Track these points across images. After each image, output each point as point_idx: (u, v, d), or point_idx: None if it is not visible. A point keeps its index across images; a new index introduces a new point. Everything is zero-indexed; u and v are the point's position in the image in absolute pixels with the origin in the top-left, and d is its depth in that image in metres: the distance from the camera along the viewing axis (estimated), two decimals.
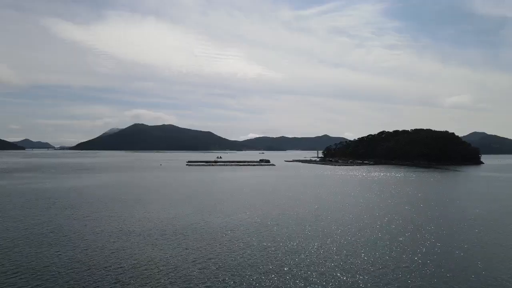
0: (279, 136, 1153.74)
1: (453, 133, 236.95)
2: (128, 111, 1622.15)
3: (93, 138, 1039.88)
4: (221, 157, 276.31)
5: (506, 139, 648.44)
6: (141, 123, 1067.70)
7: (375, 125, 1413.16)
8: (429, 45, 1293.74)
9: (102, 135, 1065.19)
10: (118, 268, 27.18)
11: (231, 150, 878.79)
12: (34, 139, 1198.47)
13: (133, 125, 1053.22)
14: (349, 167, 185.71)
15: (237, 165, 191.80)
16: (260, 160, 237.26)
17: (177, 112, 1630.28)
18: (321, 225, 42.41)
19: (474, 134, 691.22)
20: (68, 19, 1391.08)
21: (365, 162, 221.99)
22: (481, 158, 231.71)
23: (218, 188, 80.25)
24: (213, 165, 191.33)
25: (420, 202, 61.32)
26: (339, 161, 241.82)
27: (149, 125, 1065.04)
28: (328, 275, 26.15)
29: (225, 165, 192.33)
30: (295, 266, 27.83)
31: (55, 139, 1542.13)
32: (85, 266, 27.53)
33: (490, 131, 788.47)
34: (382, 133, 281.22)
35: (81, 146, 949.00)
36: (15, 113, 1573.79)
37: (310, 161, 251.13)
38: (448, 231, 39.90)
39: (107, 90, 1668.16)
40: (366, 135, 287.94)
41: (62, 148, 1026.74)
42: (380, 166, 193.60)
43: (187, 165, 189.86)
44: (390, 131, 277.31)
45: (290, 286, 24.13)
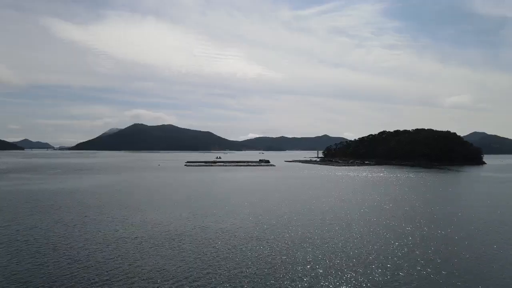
0: (279, 136, 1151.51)
1: (454, 133, 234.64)
2: (128, 111, 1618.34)
3: (92, 138, 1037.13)
4: (220, 158, 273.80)
5: (506, 139, 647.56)
6: (140, 123, 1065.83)
7: (375, 125, 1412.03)
8: (429, 45, 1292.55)
9: (101, 135, 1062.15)
10: (105, 282, 24.78)
11: (231, 150, 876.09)
12: (34, 139, 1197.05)
13: (133, 125, 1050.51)
14: (350, 167, 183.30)
15: (237, 165, 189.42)
16: (260, 160, 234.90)
17: (177, 112, 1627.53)
18: (326, 229, 40.01)
19: (474, 134, 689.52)
20: (68, 19, 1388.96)
21: (366, 162, 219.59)
22: (483, 158, 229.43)
23: (216, 190, 77.79)
24: (212, 165, 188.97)
25: (427, 204, 58.92)
26: (339, 161, 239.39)
27: (149, 125, 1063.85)
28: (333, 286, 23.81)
29: (224, 165, 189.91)
30: (300, 277, 25.48)
31: (55, 139, 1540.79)
32: (68, 279, 25.13)
33: (490, 131, 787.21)
34: (382, 133, 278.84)
35: (80, 146, 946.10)
36: (14, 113, 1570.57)
37: (310, 162, 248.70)
38: (458, 234, 37.55)
39: (107, 90, 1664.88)
40: (366, 135, 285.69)
41: (61, 148, 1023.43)
42: (381, 166, 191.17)
43: (186, 165, 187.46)
44: (391, 131, 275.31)
45: None
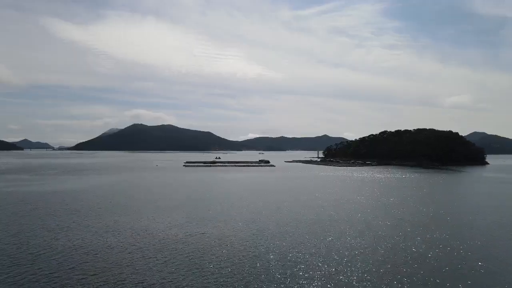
0: (278, 136, 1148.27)
1: (457, 133, 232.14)
2: (128, 111, 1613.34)
3: (92, 138, 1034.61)
4: (219, 158, 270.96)
5: (507, 139, 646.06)
6: (140, 123, 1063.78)
7: (375, 125, 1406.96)
8: (429, 45, 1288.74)
9: (101, 135, 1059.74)
10: None
11: (230, 150, 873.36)
12: (34, 139, 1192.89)
13: (132, 125, 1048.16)
14: (352, 167, 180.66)
15: (236, 166, 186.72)
16: (260, 160, 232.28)
17: (176, 112, 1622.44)
18: (336, 237, 37.36)
19: (474, 134, 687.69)
20: (68, 19, 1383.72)
21: (367, 162, 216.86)
22: (486, 158, 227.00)
23: (215, 193, 75.01)
24: (211, 166, 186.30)
25: (436, 207, 56.24)
26: (340, 161, 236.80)
27: (149, 125, 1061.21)
28: None
29: (223, 166, 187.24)
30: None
31: (55, 139, 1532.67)
32: None
33: (491, 131, 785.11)
34: (383, 133, 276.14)
35: (80, 147, 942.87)
36: (14, 113, 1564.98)
37: (311, 162, 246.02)
38: (469, 239, 34.93)
39: (106, 90, 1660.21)
40: (367, 135, 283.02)
41: (61, 149, 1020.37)
42: (383, 166, 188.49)
43: (184, 166, 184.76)
44: (392, 131, 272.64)
45: None
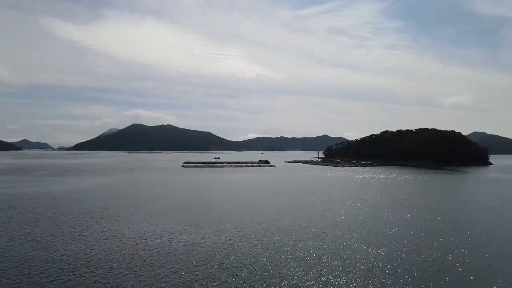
0: (278, 136, 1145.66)
1: (459, 132, 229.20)
2: (127, 111, 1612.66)
3: (92, 138, 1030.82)
4: (219, 158, 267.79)
5: (507, 139, 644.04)
6: (140, 123, 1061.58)
7: (375, 125, 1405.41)
8: (429, 45, 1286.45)
9: (101, 135, 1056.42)
10: None
11: (230, 150, 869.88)
12: (33, 139, 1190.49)
13: (132, 125, 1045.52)
14: (354, 168, 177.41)
15: (236, 166, 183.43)
16: (260, 160, 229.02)
17: (176, 112, 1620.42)
18: (340, 242, 34.21)
19: (475, 134, 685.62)
20: (67, 19, 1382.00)
21: (369, 163, 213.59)
22: (489, 158, 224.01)
23: (213, 196, 71.75)
24: (210, 166, 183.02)
25: (446, 210, 53.08)
26: (341, 162, 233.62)
27: (148, 125, 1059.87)
28: None
29: (223, 166, 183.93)
30: None
31: (54, 140, 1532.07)
32: None
33: (491, 131, 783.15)
34: (384, 132, 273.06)
35: (79, 147, 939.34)
36: (14, 113, 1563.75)
37: (311, 162, 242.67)
38: (487, 243, 31.80)
39: (106, 90, 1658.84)
40: (368, 135, 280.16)
41: (60, 149, 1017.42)
42: (385, 167, 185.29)
43: (183, 166, 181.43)
44: (393, 130, 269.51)
45: None
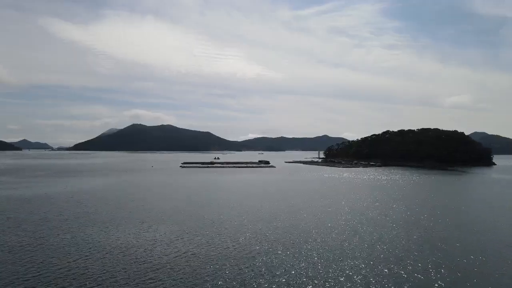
0: (278, 136, 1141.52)
1: (462, 132, 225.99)
2: (127, 111, 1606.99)
3: (92, 138, 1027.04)
4: (218, 158, 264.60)
5: (508, 139, 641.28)
6: (140, 123, 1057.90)
7: (375, 125, 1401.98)
8: (429, 45, 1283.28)
9: (101, 135, 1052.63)
10: None
11: (230, 150, 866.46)
12: (33, 139, 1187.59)
13: (132, 125, 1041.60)
14: (356, 169, 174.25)
15: (235, 167, 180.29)
16: (259, 161, 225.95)
17: (176, 112, 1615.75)
18: (361, 256, 31.10)
19: (475, 134, 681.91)
20: (67, 19, 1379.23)
21: (371, 163, 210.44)
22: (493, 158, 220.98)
23: (211, 199, 68.51)
24: (209, 167, 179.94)
25: (459, 214, 49.98)
26: (342, 162, 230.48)
27: (148, 125, 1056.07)
28: None
29: (222, 167, 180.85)
30: None
31: (54, 140, 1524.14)
32: None
33: (491, 131, 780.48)
34: (386, 132, 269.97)
35: (79, 147, 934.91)
36: (14, 114, 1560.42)
37: (312, 162, 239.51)
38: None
39: (106, 90, 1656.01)
40: (369, 135, 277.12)
41: (60, 149, 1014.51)
42: (388, 167, 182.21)
43: (181, 167, 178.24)
44: (395, 130, 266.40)
45: None
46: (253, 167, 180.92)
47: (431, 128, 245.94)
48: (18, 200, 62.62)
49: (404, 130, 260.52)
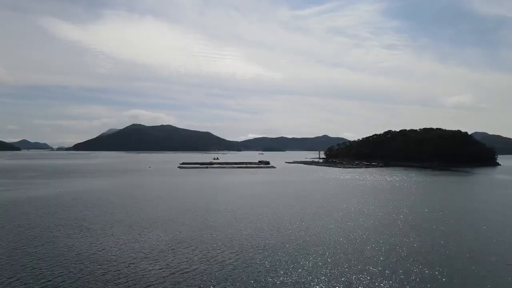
0: (278, 136, 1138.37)
1: (466, 132, 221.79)
2: (127, 111, 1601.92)
3: (91, 138, 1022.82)
4: (218, 159, 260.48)
5: (509, 139, 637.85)
6: (139, 123, 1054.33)
7: (374, 125, 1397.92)
8: (428, 45, 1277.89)
9: (100, 135, 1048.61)
10: None
11: (230, 150, 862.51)
12: (32, 139, 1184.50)
13: (131, 125, 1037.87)
14: (358, 169, 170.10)
15: (234, 167, 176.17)
16: (259, 161, 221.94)
17: (176, 113, 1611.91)
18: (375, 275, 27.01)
19: (475, 134, 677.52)
20: (66, 19, 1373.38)
21: (373, 164, 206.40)
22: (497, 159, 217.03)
23: (208, 203, 64.44)
24: (208, 167, 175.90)
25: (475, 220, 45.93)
26: (343, 162, 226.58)
27: (148, 125, 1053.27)
28: None
29: (221, 167, 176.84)
30: None
31: (54, 140, 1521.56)
32: None
33: (492, 131, 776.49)
34: (388, 132, 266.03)
35: (78, 147, 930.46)
36: (13, 114, 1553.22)
37: (313, 163, 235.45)
38: None
39: (105, 90, 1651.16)
40: (370, 135, 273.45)
41: (59, 149, 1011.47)
42: (391, 168, 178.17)
43: (179, 167, 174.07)
44: (397, 130, 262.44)
45: None
46: (253, 167, 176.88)
47: (434, 128, 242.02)
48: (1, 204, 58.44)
49: (406, 130, 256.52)
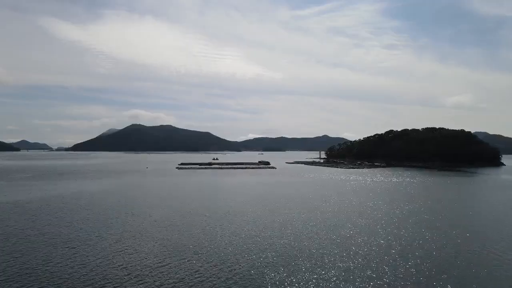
0: (278, 136, 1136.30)
1: (469, 132, 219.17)
2: (126, 111, 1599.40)
3: (91, 138, 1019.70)
4: (217, 159, 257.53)
5: (510, 138, 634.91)
6: (139, 123, 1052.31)
7: (374, 125, 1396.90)
8: (428, 45, 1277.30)
9: (100, 135, 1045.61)
10: None
11: (230, 150, 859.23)
12: (32, 140, 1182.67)
13: (131, 126, 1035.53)
14: (361, 170, 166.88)
15: (234, 168, 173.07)
16: (259, 161, 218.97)
17: (175, 113, 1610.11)
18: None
19: (476, 134, 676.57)
20: (66, 19, 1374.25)
21: (375, 164, 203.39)
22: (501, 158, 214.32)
23: (206, 207, 61.38)
24: (207, 167, 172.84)
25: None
26: (345, 162, 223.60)
27: (147, 125, 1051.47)
28: None
29: (221, 168, 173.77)
30: None
31: (54, 140, 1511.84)
32: None
33: (492, 131, 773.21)
34: (389, 132, 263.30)
35: (78, 147, 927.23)
36: (12, 114, 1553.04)
37: (314, 163, 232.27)
38: None
39: (105, 90, 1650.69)
40: (372, 135, 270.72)
41: (59, 149, 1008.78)
42: (393, 168, 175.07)
43: (178, 168, 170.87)
44: (398, 130, 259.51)
45: None
46: (253, 168, 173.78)
47: (436, 127, 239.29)
48: None
49: (408, 129, 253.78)
